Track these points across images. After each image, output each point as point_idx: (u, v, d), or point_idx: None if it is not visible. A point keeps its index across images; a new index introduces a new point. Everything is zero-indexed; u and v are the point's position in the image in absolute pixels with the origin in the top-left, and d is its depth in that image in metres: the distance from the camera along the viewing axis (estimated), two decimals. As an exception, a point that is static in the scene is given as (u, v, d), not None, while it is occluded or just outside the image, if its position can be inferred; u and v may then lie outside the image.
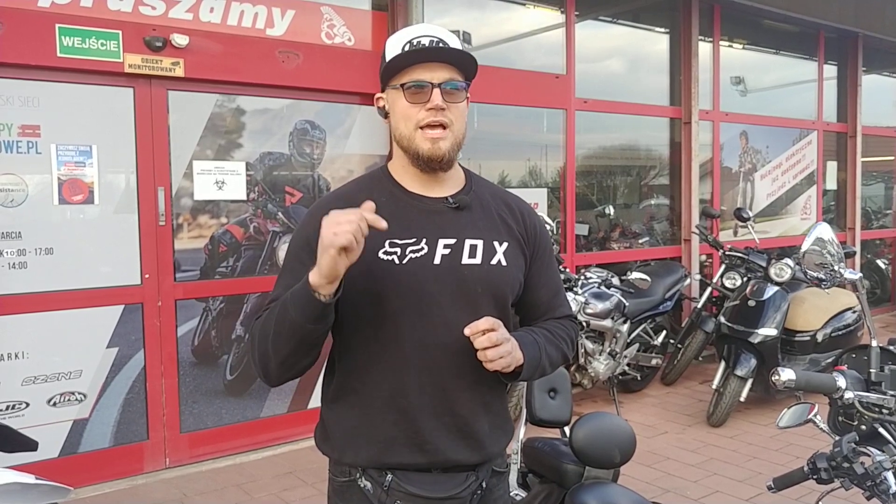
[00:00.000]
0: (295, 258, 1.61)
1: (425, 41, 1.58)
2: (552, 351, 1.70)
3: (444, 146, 1.58)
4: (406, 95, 1.58)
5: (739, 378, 5.17)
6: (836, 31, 8.30)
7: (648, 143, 7.06)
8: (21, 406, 3.94)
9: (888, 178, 9.80)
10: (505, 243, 1.68)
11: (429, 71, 1.57)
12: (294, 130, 4.82)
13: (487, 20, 5.88)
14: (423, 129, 1.58)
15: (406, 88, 1.57)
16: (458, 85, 1.59)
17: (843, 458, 1.81)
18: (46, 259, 3.97)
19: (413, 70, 1.57)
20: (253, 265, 4.70)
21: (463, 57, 1.59)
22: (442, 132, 1.58)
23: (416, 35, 1.61)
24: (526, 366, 1.60)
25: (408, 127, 1.59)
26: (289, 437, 4.75)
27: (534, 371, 1.65)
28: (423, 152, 1.59)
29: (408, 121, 1.59)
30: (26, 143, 3.90)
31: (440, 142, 1.58)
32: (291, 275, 1.57)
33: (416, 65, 1.57)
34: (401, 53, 1.58)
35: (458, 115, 1.61)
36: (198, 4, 4.33)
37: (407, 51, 1.58)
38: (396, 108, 1.61)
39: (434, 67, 1.57)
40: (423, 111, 1.57)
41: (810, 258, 2.08)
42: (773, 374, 1.88)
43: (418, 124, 1.58)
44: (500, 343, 1.50)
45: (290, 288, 1.51)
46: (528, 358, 1.60)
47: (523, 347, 1.59)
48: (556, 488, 2.45)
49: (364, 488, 1.61)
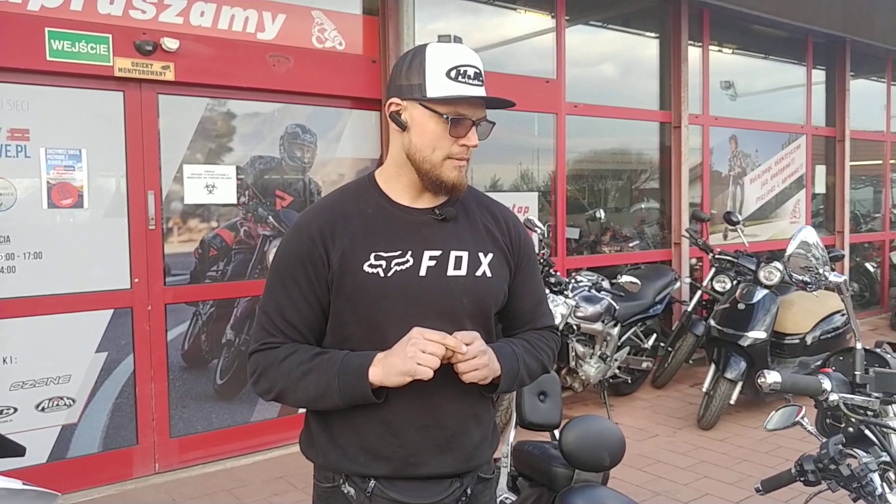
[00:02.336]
0: (288, 275, 1.61)
1: (470, 72, 1.59)
2: (531, 362, 1.71)
3: (464, 177, 1.64)
4: (450, 129, 1.58)
5: (729, 381, 5.19)
6: (825, 37, 8.37)
7: (639, 147, 7.08)
8: (9, 411, 3.92)
9: (876, 181, 9.87)
10: (490, 254, 1.69)
11: (472, 108, 1.59)
12: (285, 134, 4.81)
13: (478, 24, 5.89)
14: (452, 159, 1.60)
15: (450, 121, 1.57)
16: (488, 127, 1.64)
17: (829, 460, 1.82)
18: (35, 263, 3.95)
19: (459, 104, 1.58)
20: (243, 269, 4.69)
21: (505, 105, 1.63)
22: (466, 164, 1.64)
23: (461, 63, 1.58)
24: (503, 377, 1.62)
25: (437, 155, 1.60)
26: (279, 442, 4.74)
27: (511, 382, 1.66)
28: (447, 180, 1.61)
29: (439, 149, 1.59)
30: (15, 146, 3.89)
31: (463, 171, 1.63)
32: (285, 293, 1.60)
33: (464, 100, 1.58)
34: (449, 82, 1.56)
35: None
36: (188, 8, 4.33)
37: (454, 79, 1.57)
38: (426, 130, 1.59)
39: (476, 104, 1.60)
40: (456, 145, 1.59)
41: (795, 261, 2.09)
42: (759, 377, 1.89)
43: (451, 156, 1.60)
44: (475, 356, 1.51)
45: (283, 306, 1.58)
46: (505, 369, 1.61)
47: (501, 359, 1.60)
48: (546, 492, 2.45)
49: (347, 494, 1.61)
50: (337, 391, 1.52)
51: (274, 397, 1.60)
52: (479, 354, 1.52)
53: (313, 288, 1.59)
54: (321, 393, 1.54)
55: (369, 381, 1.50)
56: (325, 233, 1.60)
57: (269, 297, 1.63)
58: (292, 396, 1.58)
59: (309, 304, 1.60)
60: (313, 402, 1.58)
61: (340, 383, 1.52)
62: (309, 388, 1.55)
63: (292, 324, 1.60)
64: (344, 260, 1.58)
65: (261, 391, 1.61)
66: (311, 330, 1.62)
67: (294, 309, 1.60)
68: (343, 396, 1.53)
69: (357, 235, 1.60)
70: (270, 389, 1.59)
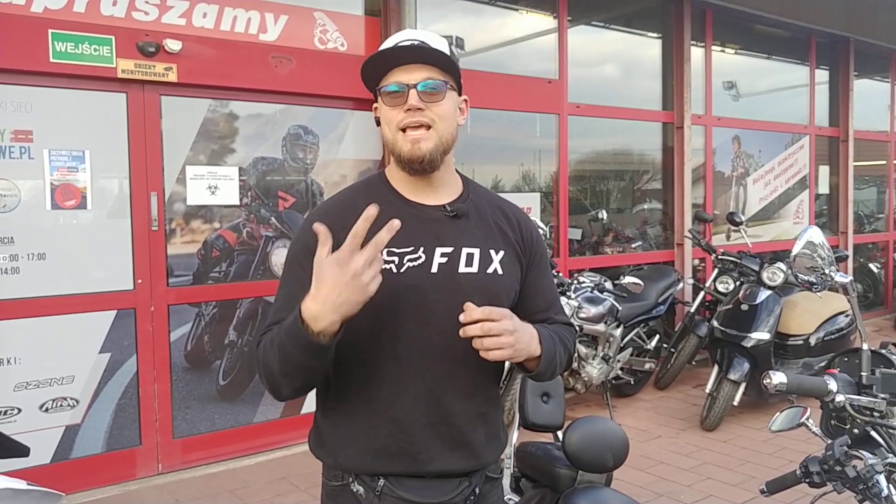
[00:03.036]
0: (300, 267, 1.57)
1: (405, 44, 1.57)
2: (562, 350, 1.69)
3: (424, 147, 1.57)
4: (385, 99, 1.57)
5: (733, 382, 5.18)
6: (828, 36, 8.35)
7: (641, 148, 7.07)
8: (13, 412, 3.92)
9: (880, 182, 9.84)
10: (501, 252, 1.67)
11: (406, 73, 1.56)
12: (287, 135, 4.81)
13: (480, 25, 5.89)
14: (404, 131, 1.57)
15: (383, 92, 1.57)
16: (435, 84, 1.57)
17: (835, 462, 1.81)
18: (39, 264, 3.96)
19: (391, 74, 1.56)
20: (246, 270, 4.69)
21: (434, 55, 1.57)
22: (424, 133, 1.56)
23: (398, 40, 1.60)
24: (543, 358, 1.58)
25: (390, 130, 1.59)
26: (282, 443, 4.74)
27: (547, 366, 1.62)
28: (404, 154, 1.58)
29: (389, 124, 1.59)
30: (19, 148, 3.89)
31: (421, 142, 1.56)
32: (297, 283, 1.54)
33: (394, 69, 1.56)
34: (375, 56, 1.58)
35: (441, 114, 1.58)
36: (191, 10, 4.33)
37: (380, 52, 1.57)
38: (383, 115, 1.61)
39: (411, 69, 1.55)
40: (401, 113, 1.56)
41: (801, 262, 2.08)
42: (765, 378, 1.88)
43: (398, 126, 1.57)
44: (501, 334, 1.45)
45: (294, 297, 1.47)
46: (545, 350, 1.58)
47: (542, 340, 1.57)
48: (550, 493, 2.44)
49: (356, 493, 1.61)
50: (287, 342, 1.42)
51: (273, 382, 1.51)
52: (505, 333, 1.46)
53: None
54: (283, 354, 1.44)
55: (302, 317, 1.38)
56: (336, 228, 1.57)
57: (281, 289, 1.62)
58: (274, 374, 1.48)
59: None
60: (285, 370, 1.46)
61: (285, 333, 1.43)
62: (276, 355, 1.46)
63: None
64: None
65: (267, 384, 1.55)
66: None
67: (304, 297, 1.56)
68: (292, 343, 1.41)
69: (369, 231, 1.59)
70: (262, 377, 1.54)
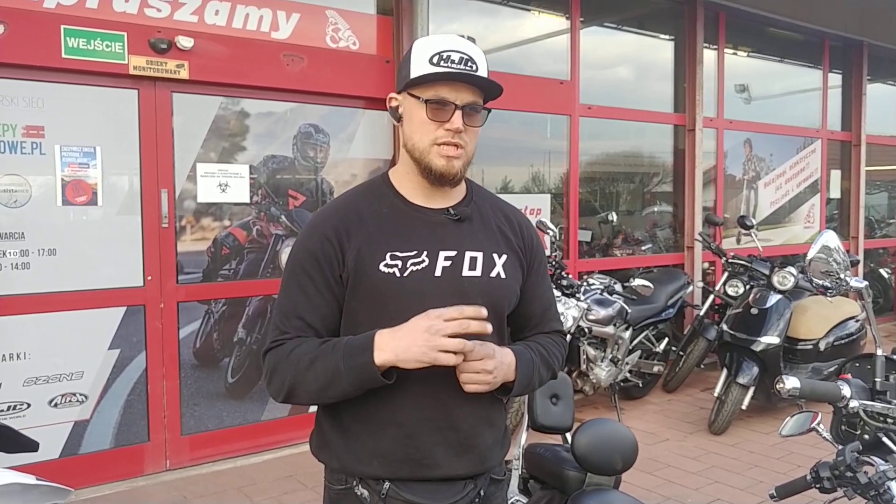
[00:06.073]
0: (304, 273, 1.59)
1: (455, 57, 1.55)
2: (544, 371, 1.72)
3: (457, 165, 1.59)
4: (428, 111, 1.56)
5: (741, 386, 5.16)
6: (841, 40, 8.31)
7: (652, 150, 7.05)
8: (22, 406, 3.94)
9: (892, 186, 9.79)
10: (504, 256, 1.68)
11: (454, 91, 1.55)
12: (298, 134, 4.82)
13: (493, 26, 5.88)
14: (438, 145, 1.57)
15: (429, 104, 1.56)
16: (479, 109, 1.59)
17: (846, 468, 1.80)
18: (49, 260, 3.97)
19: (439, 86, 1.55)
20: (255, 268, 4.70)
21: (490, 86, 1.58)
22: (456, 151, 1.58)
23: (446, 48, 1.56)
24: (517, 383, 1.62)
25: (423, 141, 1.58)
26: (290, 441, 4.74)
27: (523, 389, 1.66)
28: (436, 168, 1.58)
29: (425, 135, 1.58)
30: (30, 143, 3.91)
31: (454, 160, 1.58)
32: (301, 290, 1.58)
33: (443, 82, 1.55)
34: (430, 67, 1.55)
35: (473, 136, 1.61)
36: (203, 7, 4.34)
37: (436, 65, 1.55)
38: (414, 118, 1.59)
39: (460, 87, 1.56)
40: (441, 129, 1.56)
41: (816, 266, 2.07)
42: (778, 383, 1.87)
43: (435, 141, 1.57)
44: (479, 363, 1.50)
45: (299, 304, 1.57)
46: (520, 376, 1.61)
47: (519, 364, 1.61)
48: (558, 494, 2.44)
49: (361, 496, 1.60)
50: (344, 374, 1.48)
51: (286, 394, 1.56)
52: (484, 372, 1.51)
53: (329, 285, 1.58)
54: (329, 379, 1.49)
55: (375, 363, 1.46)
56: (340, 231, 1.58)
57: (284, 295, 1.61)
58: (303, 389, 1.53)
59: (325, 301, 1.58)
60: (323, 392, 1.52)
61: (346, 366, 1.48)
62: (318, 377, 1.50)
63: (307, 321, 1.58)
64: (360, 259, 1.57)
65: (274, 391, 1.58)
66: (326, 327, 1.60)
67: (310, 306, 1.58)
68: (350, 379, 1.48)
69: (372, 235, 1.59)
70: (282, 385, 1.55)
